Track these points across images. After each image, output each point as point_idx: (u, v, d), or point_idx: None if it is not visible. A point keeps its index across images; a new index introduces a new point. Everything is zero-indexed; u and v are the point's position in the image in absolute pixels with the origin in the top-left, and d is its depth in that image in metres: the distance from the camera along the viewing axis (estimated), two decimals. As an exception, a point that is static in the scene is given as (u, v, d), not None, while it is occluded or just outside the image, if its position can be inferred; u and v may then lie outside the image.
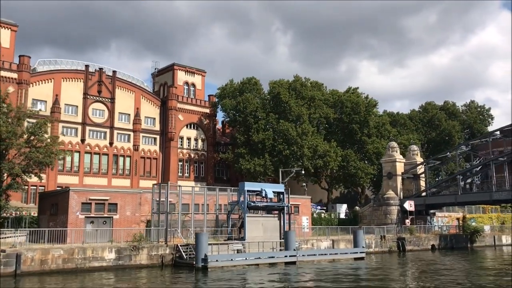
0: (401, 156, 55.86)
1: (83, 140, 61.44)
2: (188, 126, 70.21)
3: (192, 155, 69.80)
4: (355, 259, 35.10)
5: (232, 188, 38.79)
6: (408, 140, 75.77)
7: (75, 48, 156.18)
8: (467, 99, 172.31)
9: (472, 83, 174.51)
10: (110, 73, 65.11)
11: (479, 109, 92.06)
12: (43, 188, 54.94)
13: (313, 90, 71.41)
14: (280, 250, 33.60)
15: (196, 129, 71.00)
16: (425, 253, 45.07)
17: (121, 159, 64.60)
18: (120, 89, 65.50)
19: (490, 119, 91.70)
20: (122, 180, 64.32)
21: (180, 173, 68.35)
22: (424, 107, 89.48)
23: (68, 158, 60.22)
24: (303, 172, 54.04)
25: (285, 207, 35.39)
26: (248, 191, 33.81)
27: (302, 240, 37.46)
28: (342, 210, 64.56)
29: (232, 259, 28.73)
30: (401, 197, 53.32)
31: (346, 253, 34.88)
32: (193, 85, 72.58)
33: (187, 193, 36.80)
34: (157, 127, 68.09)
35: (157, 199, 32.54)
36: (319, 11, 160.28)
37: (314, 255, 32.65)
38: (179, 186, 35.94)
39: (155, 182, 65.57)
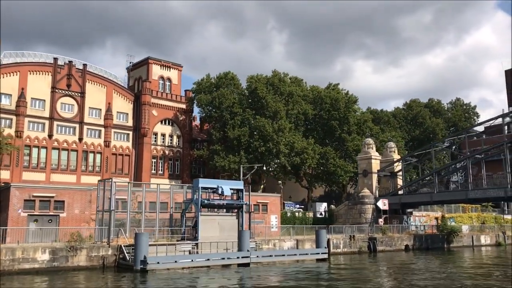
0: (377, 154, 54.07)
1: (50, 136, 59.13)
2: (163, 122, 68.04)
3: (167, 152, 67.64)
4: (318, 260, 33.19)
5: (187, 185, 36.71)
6: (390, 137, 74.24)
7: (70, 46, 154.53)
8: (462, 98, 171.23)
9: (467, 83, 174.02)
10: (81, 67, 62.85)
11: (464, 107, 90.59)
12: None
13: (292, 85, 69.50)
14: (248, 250, 31.59)
15: (171, 125, 68.85)
16: (398, 253, 43.25)
17: (91, 156, 62.35)
18: (91, 83, 63.22)
19: (475, 117, 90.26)
20: (93, 177, 61.86)
21: (154, 170, 66.19)
22: (408, 105, 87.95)
23: (35, 154, 58.10)
24: (264, 168, 51.94)
25: (243, 205, 33.39)
26: (203, 188, 31.81)
27: (263, 240, 35.50)
28: (322, 208, 62.74)
29: (176, 261, 26.69)
30: (377, 196, 51.54)
31: (306, 254, 32.95)
32: (169, 79, 70.37)
33: (139, 190, 34.65)
34: (130, 122, 65.86)
35: (101, 196, 30.39)
36: (315, 10, 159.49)
37: (270, 256, 30.68)
38: (129, 183, 33.82)
39: (127, 179, 63.54)
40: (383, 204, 47.16)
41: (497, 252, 48.34)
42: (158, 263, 25.85)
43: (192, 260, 27.39)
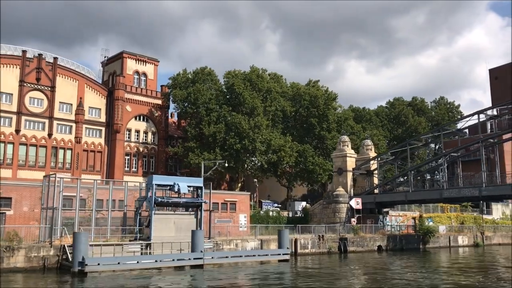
0: (352, 151, 52.63)
1: (17, 131, 57.05)
2: (137, 118, 66.15)
3: (141, 149, 65.75)
4: (280, 261, 31.64)
5: (142, 182, 34.95)
6: (371, 136, 72.97)
7: (61, 44, 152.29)
8: (453, 99, 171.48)
9: (459, 84, 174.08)
10: (51, 60, 60.78)
11: (448, 106, 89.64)
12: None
13: (271, 82, 67.90)
14: (201, 251, 29.95)
15: (146, 121, 66.96)
16: (369, 254, 41.85)
17: (61, 152, 60.31)
18: (62, 77, 61.17)
19: (459, 116, 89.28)
20: (62, 174, 58.94)
21: (127, 167, 64.31)
22: (391, 103, 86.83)
23: (1, 150, 55.98)
24: (226, 165, 50.34)
25: (202, 204, 31.72)
26: (157, 185, 30.11)
27: (225, 240, 33.87)
28: (300, 208, 61.26)
29: (119, 263, 24.97)
30: (351, 194, 50.13)
31: (266, 255, 31.37)
32: (144, 74, 68.45)
33: (87, 187, 32.77)
34: (102, 118, 63.88)
35: (46, 193, 28.56)
36: (308, 10, 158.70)
37: (226, 257, 29.06)
38: (78, 179, 32.00)
39: (99, 176, 61.66)
40: (356, 203, 45.73)
41: (472, 253, 47.14)
42: (98, 264, 24.11)
43: (138, 262, 25.68)
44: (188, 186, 31.43)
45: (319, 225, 42.55)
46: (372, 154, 53.72)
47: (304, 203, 59.51)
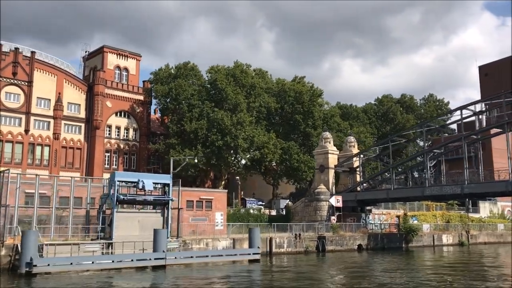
0: (334, 148, 51.44)
1: (-8, 127, 55.46)
2: (118, 114, 64.65)
3: (122, 146, 64.25)
4: (250, 261, 30.37)
5: (106, 179, 33.56)
6: (358, 133, 71.85)
7: (57, 40, 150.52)
8: (448, 98, 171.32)
9: (454, 83, 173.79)
10: (29, 54, 59.13)
11: (437, 103, 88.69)
12: None
13: (256, 78, 66.57)
14: (164, 251, 28.66)
15: (127, 118, 65.47)
16: (349, 253, 40.67)
17: (38, 148, 58.73)
18: (40, 71, 59.56)
19: (449, 114, 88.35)
20: (39, 171, 57.89)
21: (107, 164, 62.80)
22: (380, 100, 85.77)
23: (-26, 146, 54.39)
24: (196, 161, 49.00)
25: (169, 201, 30.37)
26: (121, 182, 28.75)
27: (195, 239, 32.54)
28: (284, 206, 60.06)
29: (71, 263, 23.61)
30: (333, 192, 48.95)
31: (235, 255, 30.08)
32: (126, 69, 66.94)
33: (64, 184, 31.45)
34: (82, 114, 62.33)
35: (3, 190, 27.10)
36: (304, 9, 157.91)
37: (191, 257, 27.74)
38: (37, 175, 30.56)
39: (78, 174, 60.21)
40: (336, 201, 44.53)
41: (455, 252, 46.09)
42: (48, 265, 22.76)
43: (92, 262, 24.32)
44: (155, 183, 30.12)
45: (297, 224, 41.29)
46: (355, 151, 52.56)
47: (287, 201, 58.23)
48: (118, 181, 28.45)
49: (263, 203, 63.06)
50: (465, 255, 42.96)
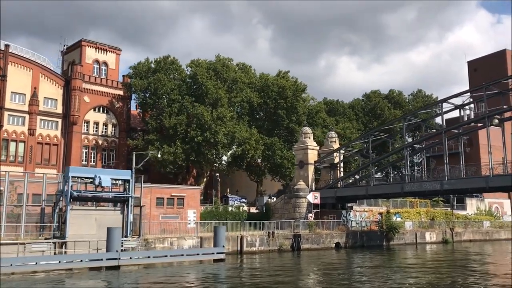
0: (314, 143, 50.07)
1: (-37, 122, 53.77)
2: (97, 109, 63.02)
3: (100, 142, 62.63)
4: (215, 260, 28.95)
5: (62, 174, 32.07)
6: (344, 129, 70.52)
7: (51, 38, 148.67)
8: (443, 96, 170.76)
9: (450, 80, 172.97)
10: (2, 48, 57.38)
11: (426, 99, 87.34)
12: None
13: (239, 72, 65.07)
14: (122, 250, 27.25)
15: (106, 113, 63.86)
16: (326, 252, 39.35)
17: (12, 145, 57.06)
18: (14, 65, 57.82)
19: (437, 110, 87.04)
20: (14, 167, 56.47)
21: (85, 161, 61.16)
22: (367, 96, 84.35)
23: None
24: (159, 156, 47.57)
25: (129, 198, 28.90)
26: (76, 177, 27.25)
27: (158, 238, 31.09)
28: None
29: (11, 264, 22.12)
30: (313, 188, 47.60)
31: (197, 254, 28.63)
32: (105, 64, 65.26)
33: (20, 180, 29.89)
34: (59, 109, 60.67)
35: None
36: (300, 6, 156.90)
37: (148, 257, 26.30)
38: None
39: (54, 171, 58.59)
40: (314, 197, 43.14)
41: (437, 250, 44.86)
42: (-16, 266, 21.30)
43: (36, 263, 22.84)
44: (114, 179, 28.65)
45: (271, 221, 39.90)
46: (337, 146, 51.18)
47: (267, 198, 56.86)
48: (72, 176, 26.96)
49: (246, 201, 61.57)
50: (445, 253, 41.75)
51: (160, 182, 50.20)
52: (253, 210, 51.12)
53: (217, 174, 58.57)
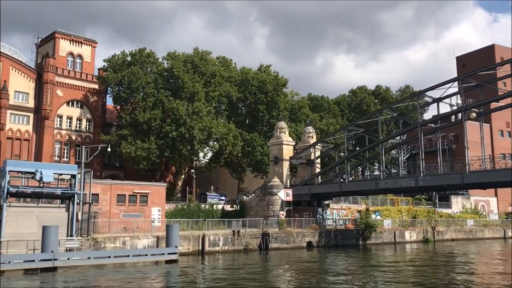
0: (290, 139, 48.27)
1: None
2: (70, 103, 61.02)
3: (74, 137, 60.64)
4: (167, 261, 27.11)
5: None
6: (328, 125, 68.75)
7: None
8: (439, 94, 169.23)
9: (446, 79, 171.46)
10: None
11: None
12: None
13: (218, 66, 63.18)
14: (68, 250, 25.44)
15: (80, 107, 61.85)
16: (296, 251, 37.61)
17: (-20, 140, 55.04)
18: (-18, 57, 55.80)
19: (425, 106, 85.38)
20: (-18, 164, 54.84)
21: (58, 157, 59.17)
22: (354, 92, 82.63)
23: None
24: (109, 149, 45.72)
25: (75, 195, 27.02)
26: (16, 172, 25.38)
27: (109, 238, 29.22)
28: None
29: None
30: (288, 185, 45.81)
31: (145, 255, 26.77)
32: (80, 56, 63.21)
33: None
34: (31, 103, 58.64)
35: None
36: (297, 4, 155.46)
37: (88, 258, 24.44)
38: None
39: (25, 167, 56.68)
40: (286, 194, 41.34)
41: (417, 249, 43.18)
42: None
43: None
44: (58, 174, 26.78)
45: (237, 220, 38.05)
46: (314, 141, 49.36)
47: (243, 196, 55.07)
48: (10, 171, 25.07)
49: (225, 198, 59.70)
50: (419, 253, 40.03)
51: (136, 179, 48.28)
52: (222, 208, 49.20)
53: (192, 171, 56.68)
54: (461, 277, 24.89)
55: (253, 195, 49.94)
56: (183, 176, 62.08)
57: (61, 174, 27.81)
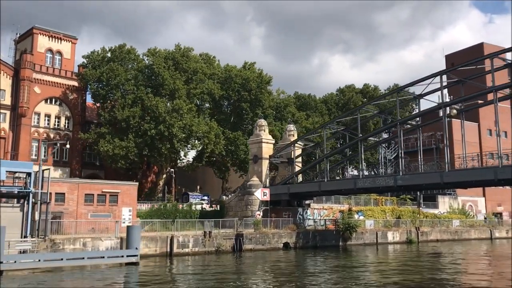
0: (269, 137, 47.02)
1: None
2: (49, 101, 59.50)
3: (52, 135, 59.08)
4: (127, 264, 25.77)
5: None
6: (313, 123, 67.61)
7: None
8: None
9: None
10: None
11: (402, 94, 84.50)
12: None
13: (201, 63, 61.84)
14: (22, 252, 24.06)
15: (59, 105, 60.34)
16: (272, 253, 36.35)
17: (-47, 138, 53.54)
18: (-43, 53, 54.12)
19: (414, 105, 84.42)
20: (-45, 162, 53.24)
21: (35, 156, 57.62)
22: (341, 90, 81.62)
23: None
24: (68, 146, 44.41)
25: (30, 194, 25.65)
26: (-35, 169, 23.99)
27: (68, 239, 27.83)
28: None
29: None
30: (267, 184, 44.57)
31: (102, 257, 25.40)
32: (59, 53, 61.67)
33: None
34: (7, 100, 57.07)
35: None
36: (293, 4, 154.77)
37: (38, 260, 23.09)
38: None
39: (1, 166, 55.14)
40: (263, 194, 40.04)
41: (399, 251, 42.00)
42: None
43: None
44: (11, 172, 25.44)
45: (209, 220, 36.73)
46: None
47: (223, 196, 53.80)
48: (-42, 168, 23.72)
49: (208, 198, 58.32)
50: (401, 254, 38.85)
51: (116, 179, 46.81)
52: (201, 208, 47.88)
53: (172, 170, 55.33)
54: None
55: (232, 194, 48.59)
56: (164, 176, 60.69)
57: (15, 172, 26.47)
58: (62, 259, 23.58)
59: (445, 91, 63.41)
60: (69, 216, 34.08)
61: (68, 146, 43.92)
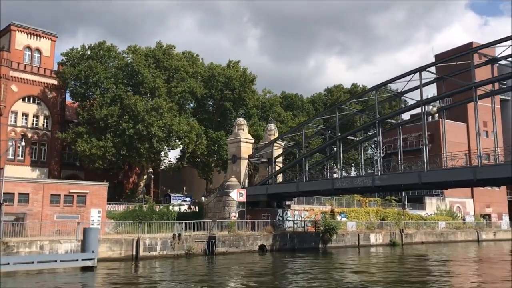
0: (249, 136, 45.80)
1: None
2: (26, 99, 58.00)
3: (30, 135, 57.57)
4: (83, 268, 24.44)
5: None
6: (298, 123, 66.41)
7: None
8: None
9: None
10: None
11: (383, 91, 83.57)
12: None
13: (184, 61, 60.58)
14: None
15: (37, 104, 58.86)
16: (246, 256, 35.06)
17: None
18: None
19: (403, 105, 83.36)
20: None
21: (11, 155, 56.09)
22: (329, 90, 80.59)
23: None
24: (23, 143, 43.04)
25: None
26: None
27: (24, 242, 26.45)
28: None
29: None
30: (245, 185, 43.31)
31: (54, 261, 24.03)
32: (38, 50, 60.21)
33: None
34: (-17, 99, 55.57)
35: None
36: (289, 5, 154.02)
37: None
38: None
39: (-24, 166, 53.66)
40: (238, 195, 38.75)
41: (382, 253, 40.81)
42: None
43: None
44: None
45: (180, 222, 35.42)
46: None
47: (202, 197, 52.50)
48: None
49: (190, 199, 56.94)
50: (381, 257, 37.67)
51: (96, 180, 45.42)
52: (179, 209, 46.55)
53: (151, 170, 53.97)
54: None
55: (211, 195, 47.31)
56: (145, 177, 59.29)
57: (-36, 171, 25.17)
58: (8, 264, 22.22)
59: (434, 89, 62.15)
60: (33, 218, 32.72)
61: (23, 143, 42.36)
